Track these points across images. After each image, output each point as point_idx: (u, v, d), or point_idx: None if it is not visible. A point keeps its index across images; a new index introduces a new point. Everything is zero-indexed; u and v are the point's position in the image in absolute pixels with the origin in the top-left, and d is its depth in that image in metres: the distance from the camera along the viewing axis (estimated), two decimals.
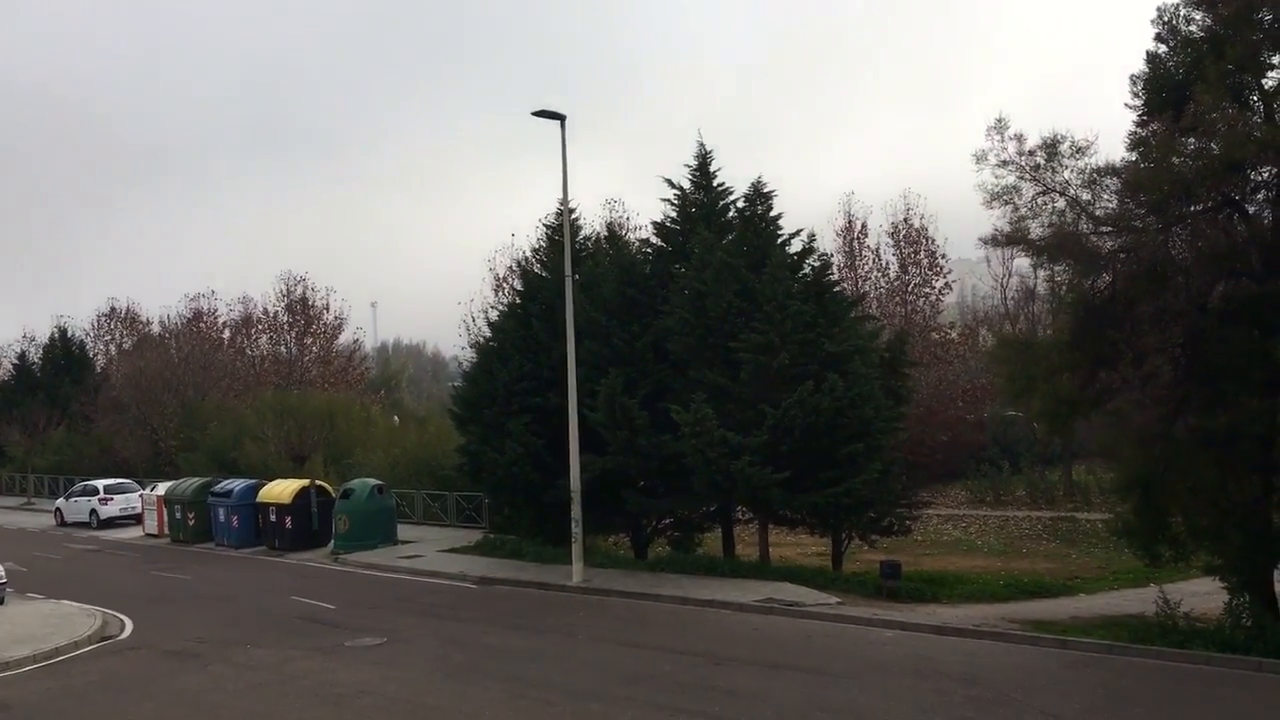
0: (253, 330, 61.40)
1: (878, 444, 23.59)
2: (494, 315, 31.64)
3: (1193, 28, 19.75)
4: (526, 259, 31.52)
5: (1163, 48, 20.22)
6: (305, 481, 32.42)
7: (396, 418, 57.77)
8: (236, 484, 34.18)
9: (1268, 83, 19.16)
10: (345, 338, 62.62)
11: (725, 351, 23.40)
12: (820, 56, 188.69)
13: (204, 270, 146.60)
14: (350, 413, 47.40)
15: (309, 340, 60.08)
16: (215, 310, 62.55)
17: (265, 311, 60.83)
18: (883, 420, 23.75)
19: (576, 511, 23.63)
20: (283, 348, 60.43)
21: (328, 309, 60.58)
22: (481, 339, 32.50)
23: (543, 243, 30.52)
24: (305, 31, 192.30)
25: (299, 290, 59.94)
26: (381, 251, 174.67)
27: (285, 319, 60.08)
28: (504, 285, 46.82)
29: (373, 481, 31.98)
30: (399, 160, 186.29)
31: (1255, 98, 19.22)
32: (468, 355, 45.93)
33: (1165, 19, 20.06)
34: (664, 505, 26.38)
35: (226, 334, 62.69)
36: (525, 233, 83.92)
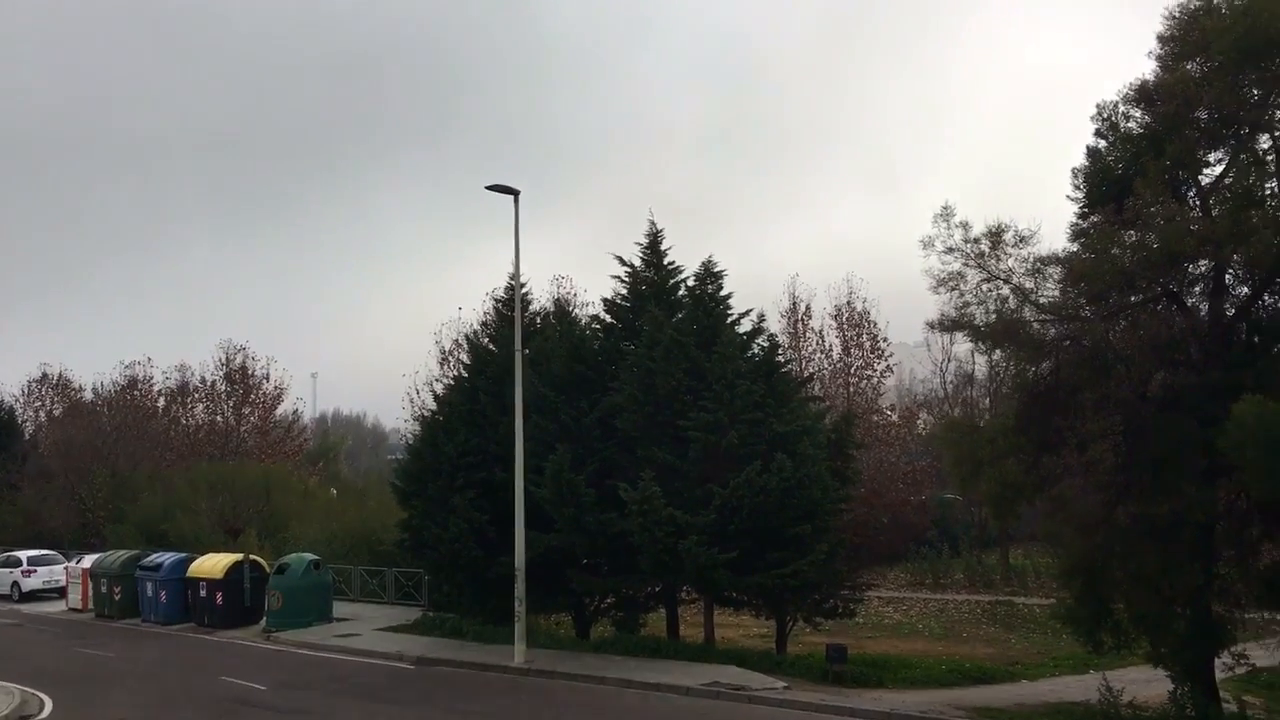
0: (189, 399, 60.11)
1: (824, 525, 23.59)
2: (440, 388, 31.37)
3: (1132, 125, 20.47)
4: (475, 333, 31.34)
5: (1103, 143, 20.92)
6: (238, 556, 31.57)
7: (334, 491, 56.73)
8: (166, 557, 33.17)
9: (1204, 179, 19.86)
10: (284, 408, 61.58)
11: (674, 430, 23.34)
12: (775, 136, 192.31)
13: (142, 335, 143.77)
14: (287, 484, 46.43)
15: (247, 410, 58.96)
16: (151, 378, 61.24)
17: (203, 380, 59.66)
18: (829, 501, 23.79)
19: (520, 590, 23.23)
20: (219, 417, 59.17)
21: (267, 379, 59.62)
22: (427, 412, 32.14)
23: (491, 317, 30.44)
24: (257, 96, 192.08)
25: (238, 359, 58.98)
26: (324, 321, 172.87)
27: (223, 388, 58.95)
28: (450, 359, 46.52)
29: (309, 556, 31.21)
30: (346, 229, 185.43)
31: (1192, 193, 19.90)
32: (410, 428, 45.39)
33: (1105, 115, 20.78)
34: (609, 584, 26.03)
35: (161, 402, 61.31)
36: (472, 306, 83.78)
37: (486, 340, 29.72)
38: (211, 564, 31.40)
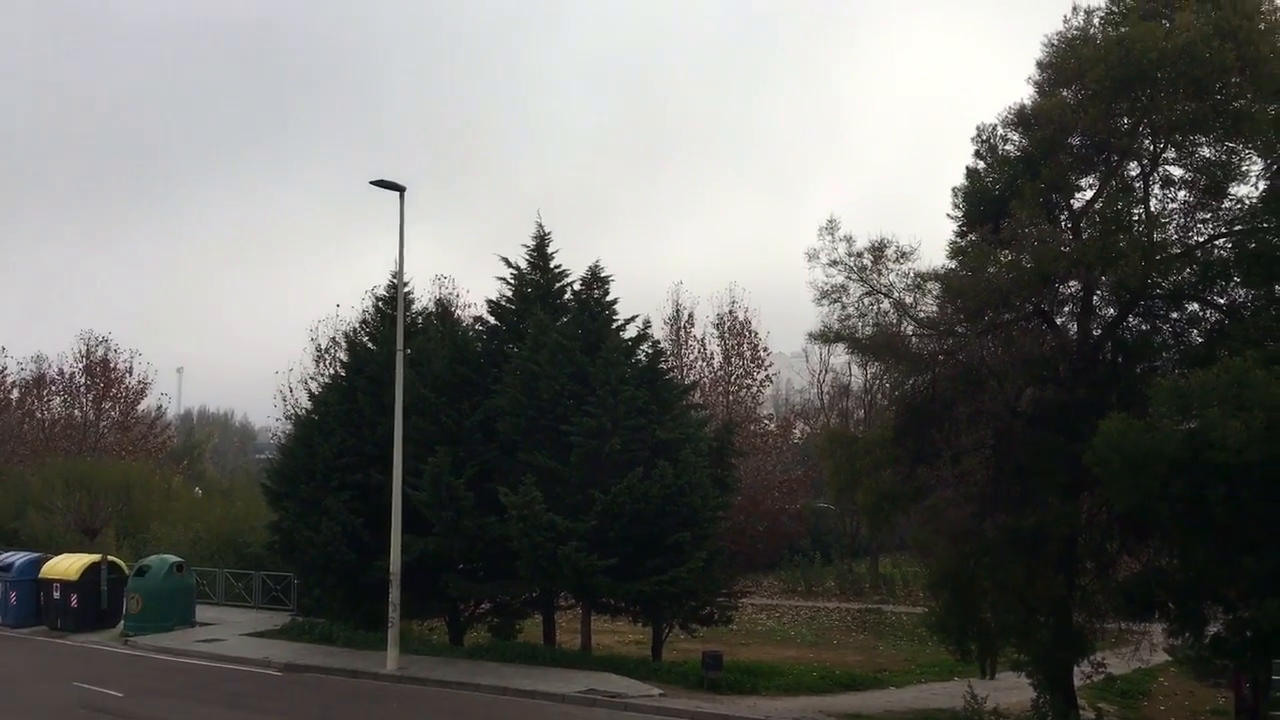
0: (45, 391, 57.23)
1: (704, 532, 23.68)
2: (315, 387, 30.48)
3: (1010, 147, 21.12)
4: (354, 331, 30.57)
5: (982, 164, 21.52)
6: (95, 557, 30.12)
7: (199, 490, 54.72)
8: (17, 557, 31.42)
9: (1076, 203, 20.62)
10: (148, 403, 59.13)
11: (557, 434, 23.14)
12: (671, 140, 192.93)
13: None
14: (149, 483, 44.55)
15: (107, 404, 56.43)
16: (4, 368, 58.11)
17: (60, 372, 56.85)
18: (709, 509, 23.89)
19: (395, 595, 22.67)
20: (77, 411, 56.49)
21: (130, 372, 57.15)
22: (301, 411, 31.20)
23: (372, 315, 29.72)
24: (140, 78, 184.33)
25: (100, 351, 56.40)
26: (195, 316, 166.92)
27: (83, 381, 56.29)
28: (327, 356, 45.30)
29: (171, 558, 29.96)
30: (224, 222, 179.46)
31: (1065, 216, 20.63)
32: (282, 427, 44.11)
33: (984, 138, 21.40)
34: (486, 590, 25.65)
35: (15, 394, 58.24)
36: (351, 304, 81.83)
37: (366, 339, 29.02)
38: (66, 565, 29.87)
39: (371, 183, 23.11)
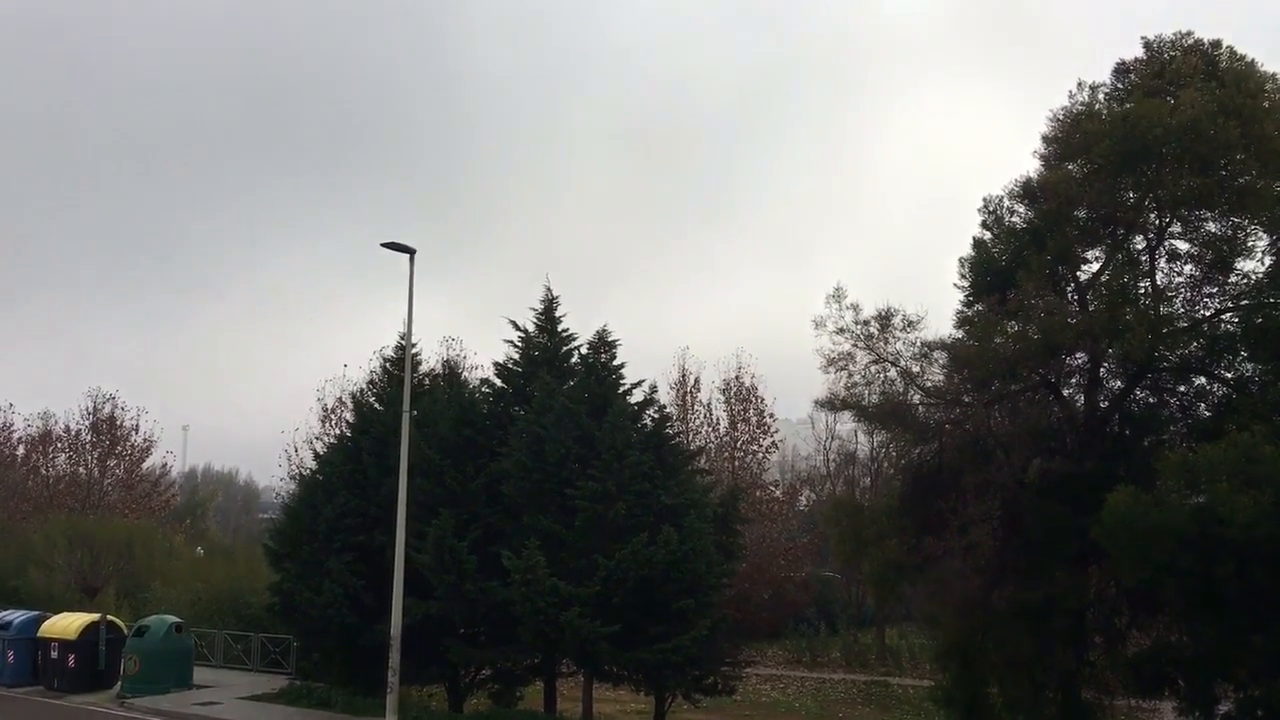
0: (50, 448, 57.22)
1: (708, 600, 23.42)
2: (321, 447, 30.45)
3: (1015, 219, 21.33)
4: (361, 391, 30.61)
5: (988, 235, 21.73)
6: (95, 616, 29.86)
7: (201, 550, 54.42)
8: (16, 615, 31.16)
9: (1083, 275, 20.75)
10: (153, 461, 59.03)
11: (561, 498, 23.03)
12: (683, 201, 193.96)
13: (3, 380, 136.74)
14: (151, 542, 44.30)
15: (113, 462, 56.33)
16: (11, 424, 58.14)
17: (67, 429, 56.88)
18: (714, 576, 23.66)
19: (395, 659, 22.41)
20: (82, 468, 56.40)
21: (136, 430, 57.11)
22: (306, 471, 31.16)
23: (379, 376, 29.78)
24: (158, 136, 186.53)
25: (107, 409, 56.47)
26: (203, 372, 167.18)
27: (89, 438, 56.30)
28: (333, 417, 45.29)
29: (170, 619, 29.69)
30: (235, 278, 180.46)
31: (1071, 288, 20.76)
32: (286, 487, 43.98)
33: (991, 209, 21.62)
34: (487, 655, 25.32)
35: (21, 450, 58.22)
36: (359, 364, 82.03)
37: (373, 399, 29.03)
38: (65, 624, 29.59)
39: (382, 245, 23.28)
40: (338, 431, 38.63)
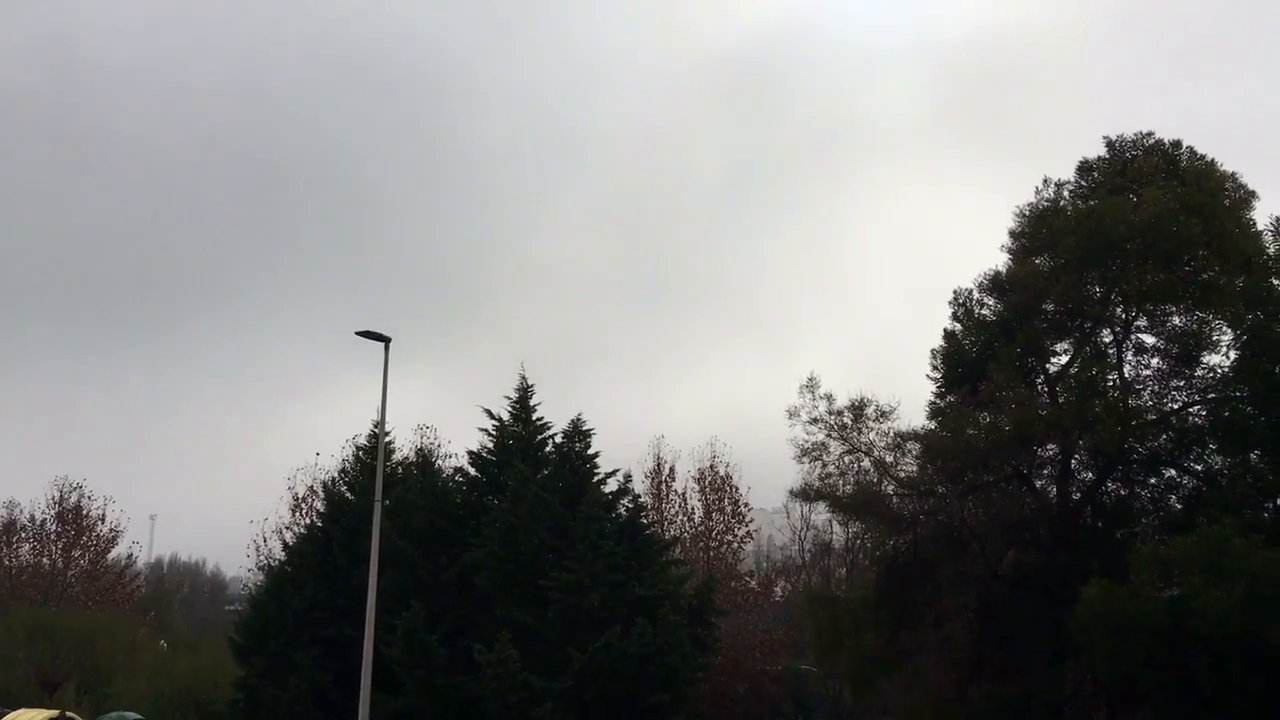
0: (14, 537, 56.02)
1: (683, 694, 23.04)
2: (290, 537, 30.04)
3: (985, 311, 21.65)
4: (333, 480, 30.32)
5: (959, 327, 22.02)
6: (54, 713, 29.02)
7: (165, 643, 53.16)
8: None
9: (1052, 367, 21.02)
10: (118, 551, 57.82)
11: (535, 589, 22.74)
12: (657, 284, 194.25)
13: None
14: (114, 635, 43.17)
15: (77, 553, 55.17)
16: None
17: (32, 518, 55.73)
18: (689, 670, 23.31)
19: None
20: (46, 559, 55.16)
21: (103, 519, 55.99)
22: (274, 562, 30.69)
23: (351, 464, 29.51)
24: (137, 214, 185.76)
25: (73, 498, 55.46)
26: (172, 456, 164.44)
27: (54, 528, 55.20)
28: (303, 506, 44.69)
29: (131, 716, 28.95)
30: (208, 361, 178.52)
31: (1041, 380, 21.02)
32: (254, 578, 43.21)
33: (961, 301, 21.95)
34: None
35: None
36: (331, 452, 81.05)
37: (344, 488, 28.74)
38: None
39: (357, 333, 23.25)
40: (308, 521, 38.11)
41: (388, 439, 26.88)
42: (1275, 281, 19.05)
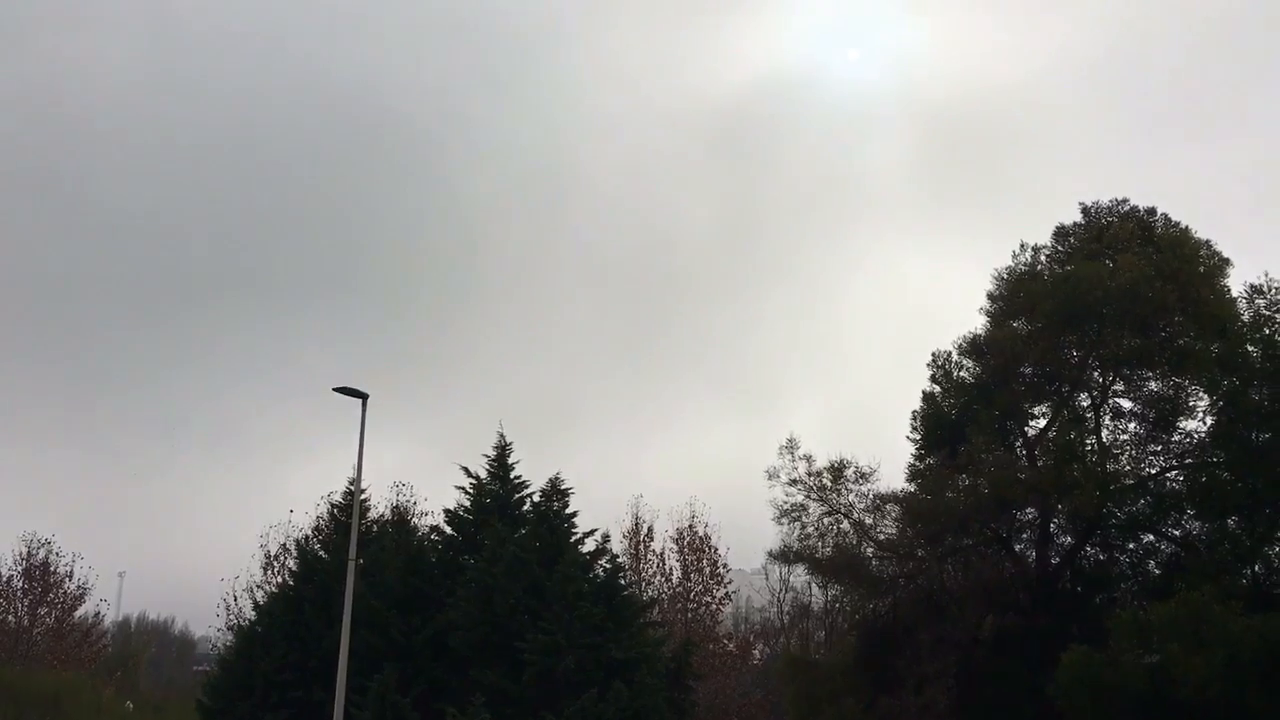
0: None
1: None
2: (261, 596, 29.54)
3: (964, 374, 21.75)
4: (306, 538, 29.95)
5: (938, 389, 22.09)
6: None
7: (131, 704, 52.06)
8: None
9: (1030, 430, 21.08)
10: (86, 609, 56.78)
11: (510, 651, 22.38)
12: (639, 340, 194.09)
13: None
14: (79, 696, 42.27)
15: (43, 610, 54.15)
16: None
17: None
18: None
19: None
20: (11, 616, 54.10)
21: (70, 577, 55.01)
22: (244, 621, 30.16)
23: (325, 522, 29.19)
24: (101, 257, 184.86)
25: (41, 554, 54.53)
26: (143, 512, 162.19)
27: (20, 584, 54.20)
28: (275, 564, 44.09)
29: None
30: (185, 411, 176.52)
31: (1020, 443, 21.06)
32: (223, 638, 42.49)
33: (940, 363, 22.04)
34: None
35: None
36: (305, 509, 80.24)
37: (318, 547, 28.35)
38: None
39: (335, 389, 23.09)
40: (280, 580, 37.57)
41: (363, 496, 26.60)
42: (1250, 348, 19.23)
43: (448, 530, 26.80)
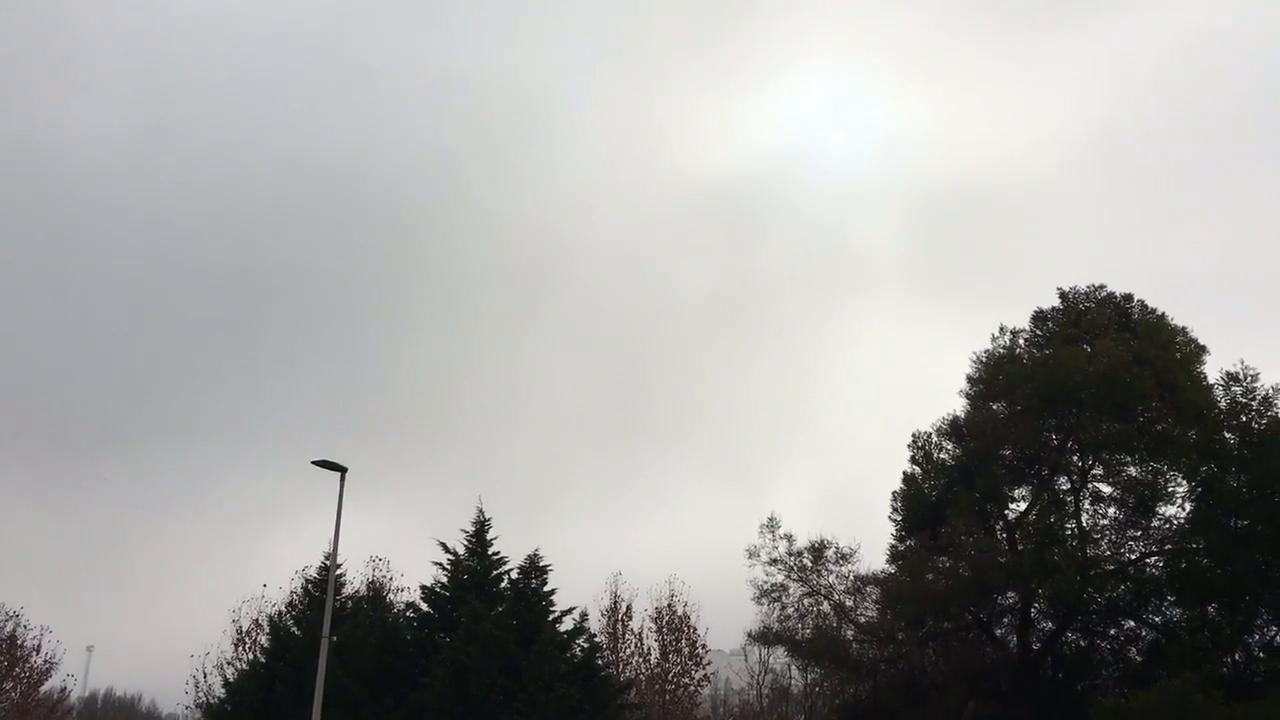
0: None
1: None
2: (232, 673, 28.95)
3: (944, 455, 21.77)
4: (279, 614, 29.46)
5: (918, 470, 22.09)
6: None
7: None
8: None
9: (1011, 513, 21.06)
10: (52, 683, 55.49)
11: None
12: (625, 415, 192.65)
13: None
14: None
15: (9, 684, 52.93)
16: None
17: None
18: None
19: None
20: None
21: (38, 650, 53.92)
22: (214, 699, 29.51)
23: (299, 597, 28.72)
24: (77, 327, 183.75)
25: (9, 627, 53.48)
26: (116, 584, 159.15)
27: None
28: (247, 639, 43.30)
29: None
30: (161, 478, 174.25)
31: (1000, 526, 21.01)
32: (192, 715, 41.58)
33: (920, 445, 22.08)
34: None
35: None
36: (279, 584, 79.10)
37: (291, 623, 27.87)
38: None
39: (313, 462, 22.87)
40: (251, 656, 36.84)
41: (339, 572, 26.30)
42: (1227, 435, 19.37)
43: (424, 607, 26.43)
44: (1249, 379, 19.80)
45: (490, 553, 26.30)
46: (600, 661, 25.63)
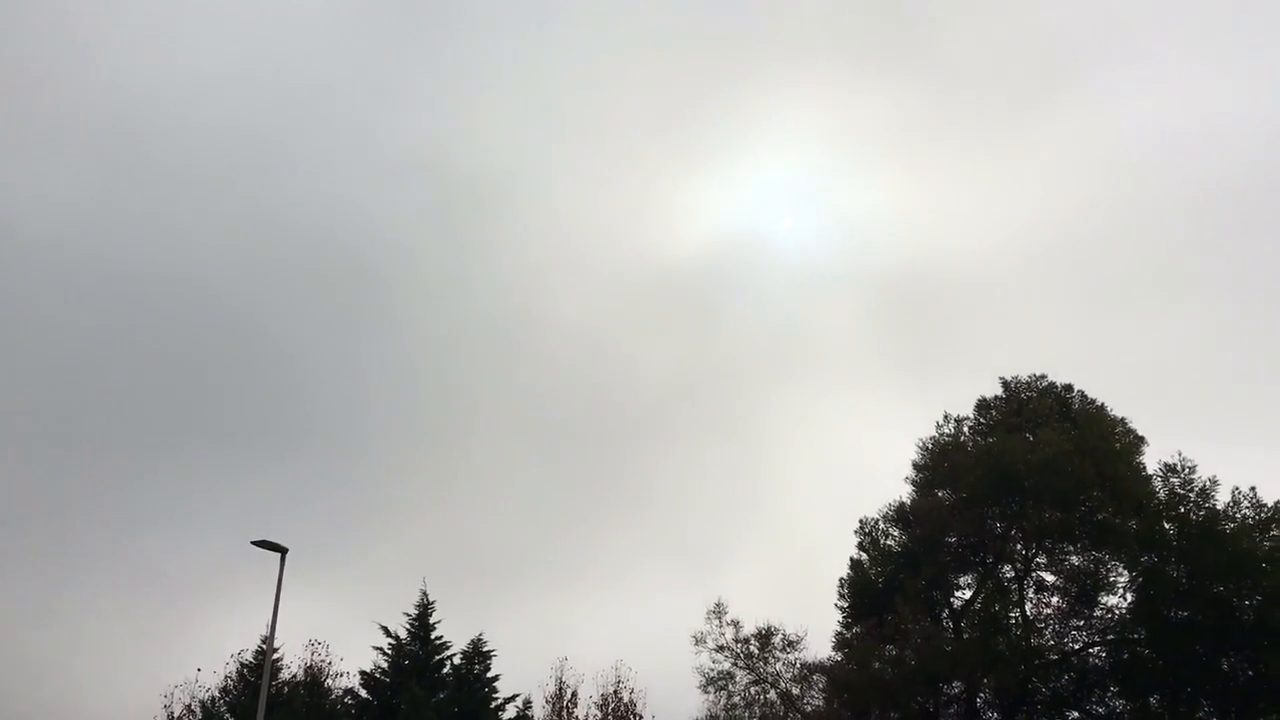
0: None
1: None
2: None
3: (890, 542, 21.87)
4: (213, 699, 28.48)
5: (865, 556, 22.13)
6: None
7: None
8: None
9: (956, 601, 21.11)
10: None
11: None
12: (585, 499, 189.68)
13: None
14: None
15: None
16: None
17: None
18: None
19: None
20: None
21: None
22: None
23: (234, 682, 27.81)
24: (14, 393, 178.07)
25: None
26: (34, 661, 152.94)
27: None
28: None
29: None
30: (86, 553, 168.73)
31: (946, 614, 21.04)
32: None
33: (867, 531, 22.17)
34: None
35: None
36: (214, 668, 76.64)
37: (225, 709, 26.97)
38: None
39: (253, 543, 22.33)
40: None
41: (276, 656, 25.60)
42: (1167, 525, 19.64)
43: (363, 694, 25.81)
44: (1186, 470, 20.19)
45: (433, 637, 25.86)
46: None
